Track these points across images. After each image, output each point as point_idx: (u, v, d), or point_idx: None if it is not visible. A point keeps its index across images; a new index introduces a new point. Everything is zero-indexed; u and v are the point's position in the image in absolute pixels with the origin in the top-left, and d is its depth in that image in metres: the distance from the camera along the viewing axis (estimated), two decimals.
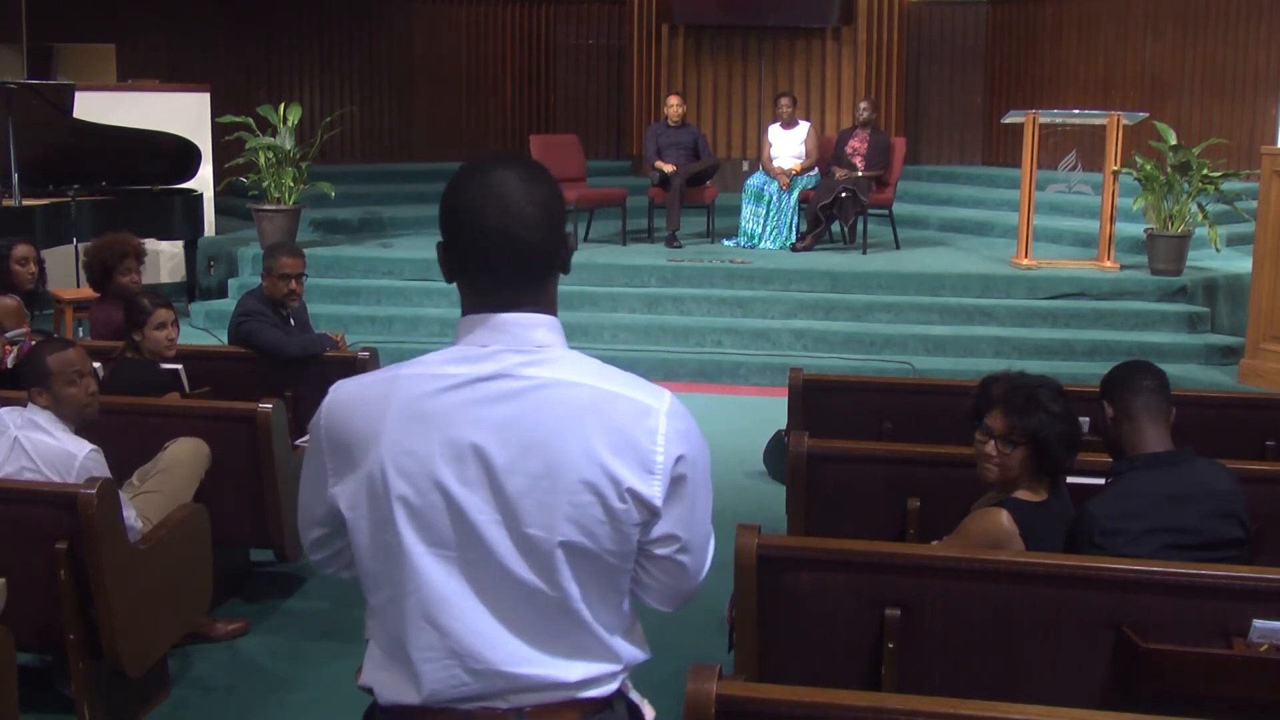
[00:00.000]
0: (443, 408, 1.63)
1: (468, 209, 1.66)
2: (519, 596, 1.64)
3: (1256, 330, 7.54)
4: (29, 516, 3.38)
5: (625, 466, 1.63)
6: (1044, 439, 2.96)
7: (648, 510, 1.65)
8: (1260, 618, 2.65)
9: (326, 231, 10.40)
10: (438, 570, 1.64)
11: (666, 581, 1.74)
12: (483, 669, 1.65)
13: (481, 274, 1.68)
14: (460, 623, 1.64)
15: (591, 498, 1.62)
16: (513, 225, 1.65)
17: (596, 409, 1.63)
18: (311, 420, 1.75)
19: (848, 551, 2.85)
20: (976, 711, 2.01)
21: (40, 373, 3.66)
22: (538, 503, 1.61)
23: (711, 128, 11.88)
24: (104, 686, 3.52)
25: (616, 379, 1.68)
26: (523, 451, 1.61)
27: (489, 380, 1.63)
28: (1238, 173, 8.69)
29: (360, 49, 12.55)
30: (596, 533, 1.63)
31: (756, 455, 6.03)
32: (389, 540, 1.65)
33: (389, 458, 1.63)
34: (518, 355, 1.65)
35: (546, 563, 1.63)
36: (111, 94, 9.77)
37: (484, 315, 1.67)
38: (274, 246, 5.67)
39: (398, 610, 1.67)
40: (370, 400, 1.68)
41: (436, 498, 1.63)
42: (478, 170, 1.68)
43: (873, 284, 8.67)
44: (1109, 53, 11.40)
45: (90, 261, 5.56)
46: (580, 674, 1.68)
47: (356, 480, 1.67)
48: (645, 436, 1.64)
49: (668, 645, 4.01)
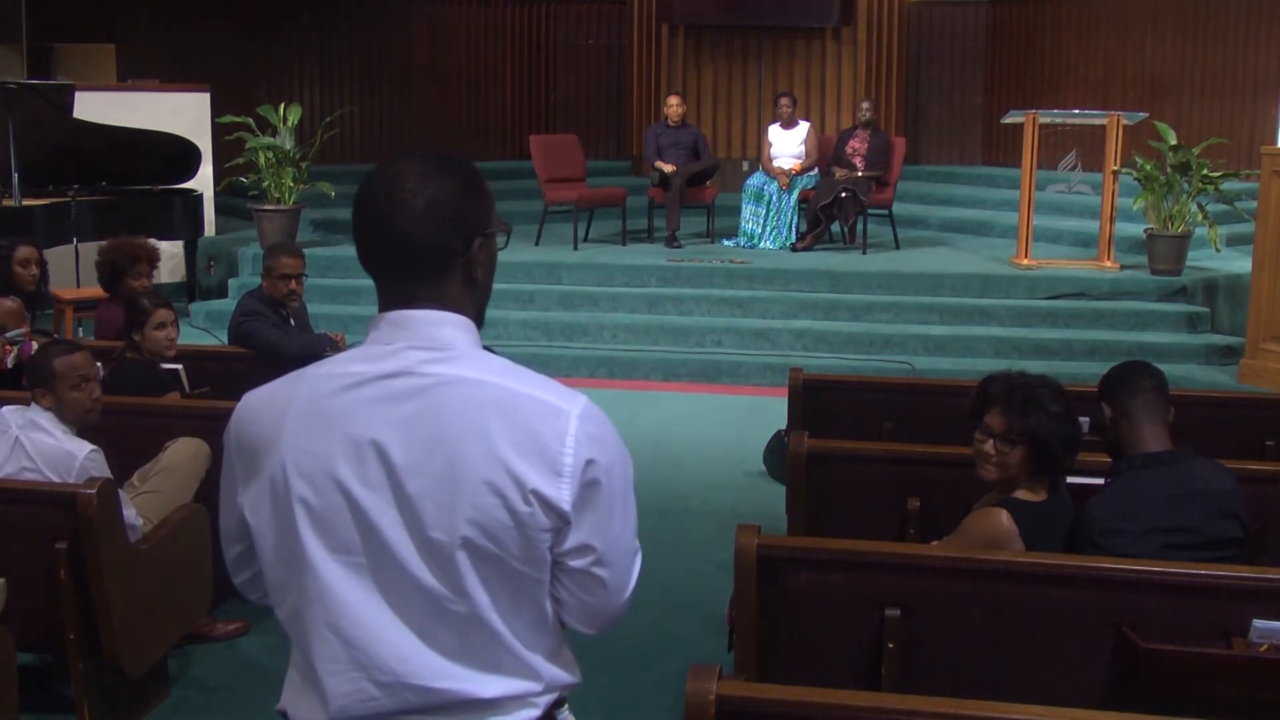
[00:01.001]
0: (343, 406, 1.58)
1: (361, 199, 1.63)
2: (426, 605, 1.57)
3: (1256, 330, 7.54)
4: (29, 516, 3.38)
5: (530, 467, 1.54)
6: (1042, 438, 2.96)
7: (556, 515, 1.56)
8: (1260, 618, 2.65)
9: (326, 231, 10.40)
10: (341, 576, 1.57)
11: (585, 599, 1.65)
12: (391, 681, 1.58)
13: (373, 269, 1.65)
14: (364, 631, 1.57)
15: (494, 499, 1.54)
16: (393, 214, 1.59)
17: (501, 408, 1.56)
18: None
19: (848, 551, 2.85)
20: (976, 711, 2.01)
21: (45, 374, 3.66)
22: (439, 504, 1.54)
23: (711, 128, 11.88)
24: (104, 686, 3.52)
25: (527, 379, 1.61)
26: (424, 451, 1.55)
27: (391, 378, 1.58)
28: (1238, 173, 8.69)
29: (360, 49, 12.55)
30: (501, 537, 1.55)
31: (756, 455, 6.03)
32: (290, 546, 1.59)
33: (289, 458, 1.58)
34: (421, 352, 1.59)
35: (449, 567, 1.55)
36: (111, 94, 9.78)
37: (390, 313, 1.63)
38: (274, 247, 5.68)
39: (301, 620, 1.61)
40: (274, 402, 1.63)
41: (337, 499, 1.56)
42: (381, 164, 1.65)
43: (873, 284, 8.67)
44: (1109, 53, 11.40)
45: (102, 262, 5.57)
46: (497, 690, 1.60)
47: (260, 484, 1.61)
48: (553, 437, 1.56)
49: (668, 645, 4.02)
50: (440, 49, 12.70)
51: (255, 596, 1.78)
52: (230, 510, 1.70)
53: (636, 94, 12.31)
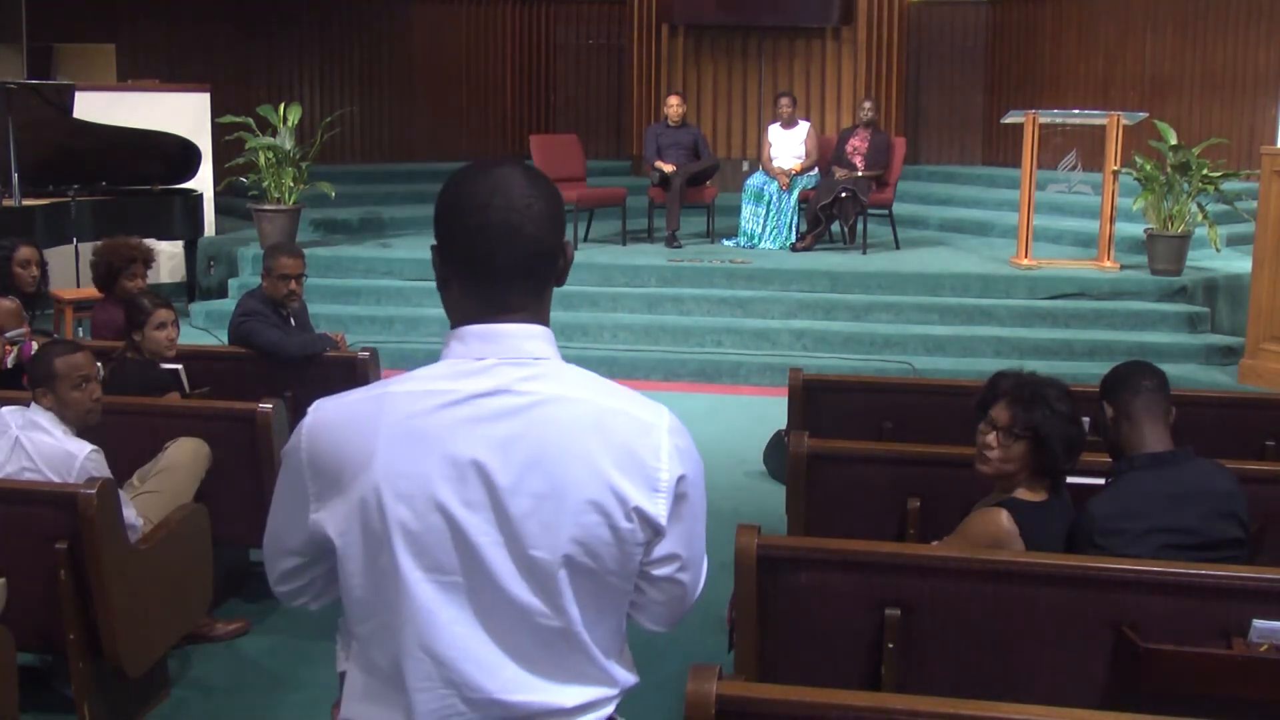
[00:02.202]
0: (440, 425, 1.55)
1: (471, 205, 1.59)
2: (518, 621, 1.58)
3: (1256, 330, 7.54)
4: (29, 516, 3.38)
5: (631, 484, 1.57)
6: (1045, 435, 2.96)
7: (652, 529, 1.60)
8: (1260, 618, 2.65)
9: (326, 231, 10.40)
10: (435, 597, 1.57)
11: (664, 601, 1.70)
12: (479, 698, 1.59)
13: (482, 274, 1.60)
14: (457, 651, 1.57)
15: (598, 517, 1.56)
16: (521, 221, 1.58)
17: (600, 426, 1.57)
18: (286, 447, 1.65)
19: (848, 551, 2.85)
20: (976, 711, 2.01)
21: (46, 374, 3.66)
22: (542, 524, 1.55)
23: (711, 128, 11.88)
24: (104, 686, 3.52)
25: (617, 394, 1.63)
26: (526, 470, 1.55)
27: (488, 396, 1.56)
28: (1238, 173, 8.69)
29: (360, 49, 12.55)
30: (601, 554, 1.58)
31: (756, 455, 6.03)
32: (383, 567, 1.57)
33: (384, 481, 1.55)
34: (516, 369, 1.58)
35: (549, 585, 1.57)
36: (111, 94, 9.78)
37: (477, 326, 1.61)
38: (274, 247, 5.67)
39: (392, 639, 1.60)
40: (359, 420, 1.59)
41: (437, 520, 1.55)
42: (480, 168, 1.63)
43: (873, 284, 8.67)
44: (1109, 53, 11.40)
45: (97, 262, 5.56)
46: (577, 699, 1.63)
47: (348, 505, 1.58)
48: (650, 454, 1.59)
49: (668, 645, 4.02)
50: (440, 49, 12.70)
51: (294, 604, 1.77)
52: (291, 526, 1.66)
53: (636, 94, 12.31)
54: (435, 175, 11.05)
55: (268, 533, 1.72)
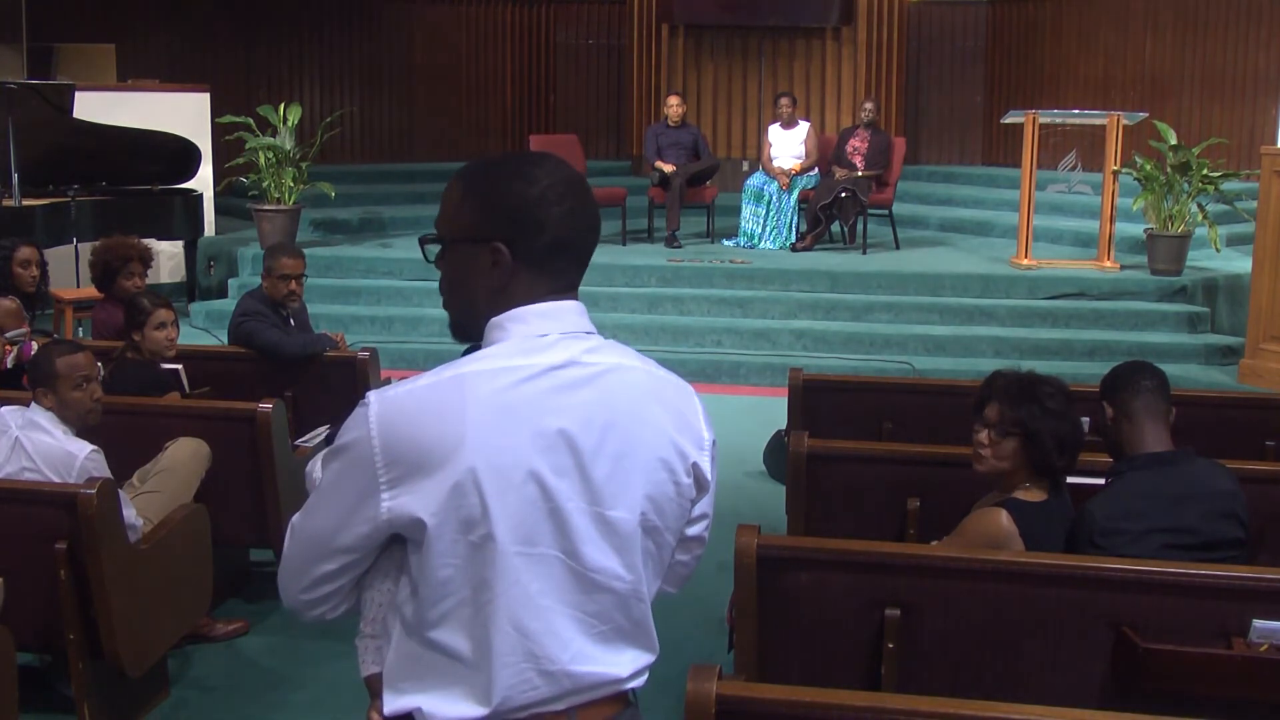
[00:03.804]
0: (526, 398, 1.61)
1: (557, 191, 1.69)
2: (593, 589, 1.63)
3: (1256, 330, 7.54)
4: (29, 516, 3.38)
5: (688, 442, 1.70)
6: (1034, 431, 2.96)
7: (700, 486, 1.72)
8: (1260, 618, 2.65)
9: (326, 231, 10.40)
10: (526, 570, 1.60)
11: (687, 560, 1.82)
12: (555, 670, 1.63)
13: (570, 257, 1.71)
14: (541, 623, 1.61)
15: (665, 474, 1.67)
16: (595, 209, 1.75)
17: (656, 392, 1.70)
18: (345, 439, 1.62)
19: (848, 551, 2.85)
20: (976, 711, 2.01)
21: (47, 374, 3.66)
22: (621, 484, 1.64)
23: (711, 128, 11.88)
24: (104, 686, 3.52)
25: (653, 364, 1.75)
26: (603, 434, 1.63)
27: (562, 368, 1.64)
28: (1238, 173, 8.70)
29: (360, 49, 12.55)
30: (666, 510, 1.68)
31: (756, 455, 6.03)
32: (475, 542, 1.59)
33: (480, 458, 1.57)
34: (577, 342, 1.67)
35: (628, 545, 1.65)
36: (111, 94, 9.77)
37: (534, 305, 1.68)
38: (274, 247, 5.67)
39: (477, 615, 1.60)
40: (440, 403, 1.60)
41: (533, 490, 1.59)
42: (540, 160, 1.73)
43: (873, 284, 8.67)
44: (1109, 53, 11.40)
45: (95, 262, 5.56)
46: (630, 668, 1.69)
47: (439, 486, 1.58)
48: (694, 416, 1.73)
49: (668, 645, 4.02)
50: (440, 49, 12.70)
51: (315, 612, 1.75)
52: (348, 522, 1.63)
53: (636, 94, 12.31)
54: (435, 175, 11.06)
55: (308, 536, 1.68)
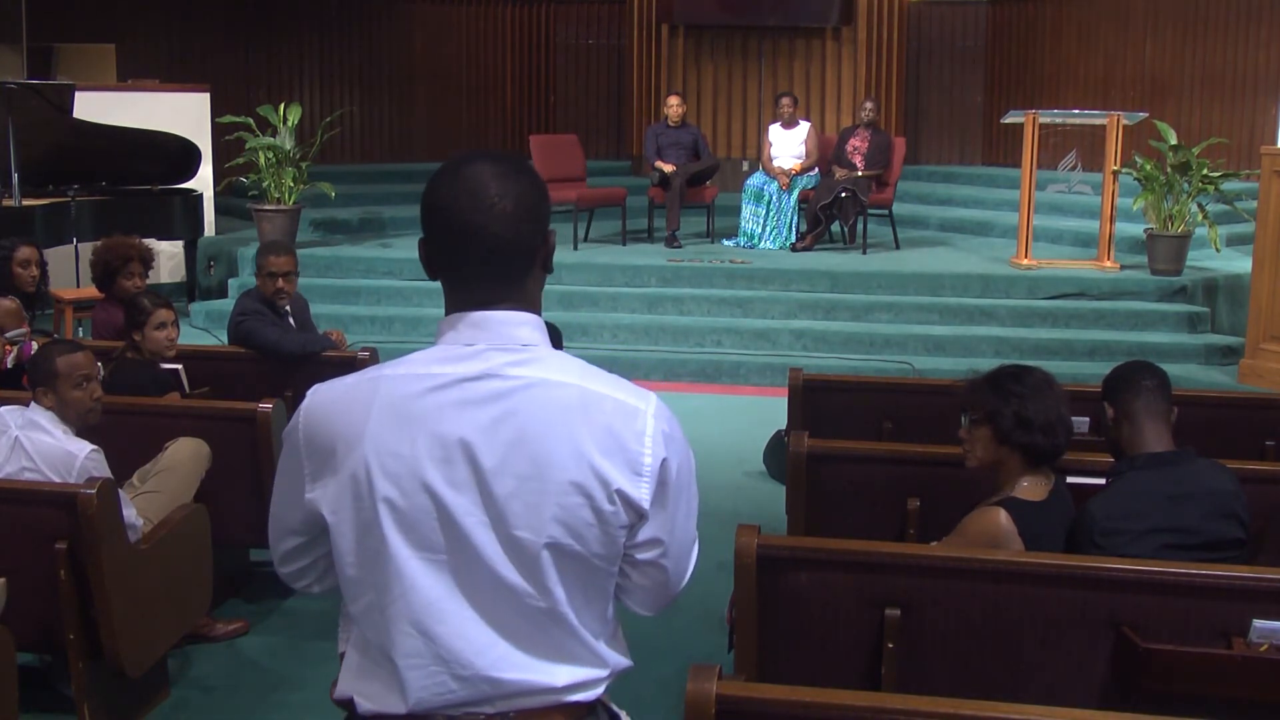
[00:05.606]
0: (429, 408, 1.60)
1: (442, 205, 1.64)
2: (506, 600, 1.61)
3: (1256, 330, 7.54)
4: (29, 516, 3.38)
5: (614, 468, 1.61)
6: (995, 412, 2.97)
7: (635, 513, 1.63)
8: (1260, 618, 2.65)
9: (326, 231, 10.40)
10: (424, 574, 1.61)
11: (648, 586, 1.74)
12: (469, 675, 1.62)
13: (459, 271, 1.66)
14: (447, 627, 1.61)
15: (580, 499, 1.60)
16: (485, 220, 1.62)
17: (585, 409, 1.61)
18: (287, 426, 1.71)
19: (848, 551, 2.85)
20: (976, 711, 2.01)
21: (47, 373, 3.66)
22: (526, 504, 1.59)
23: (711, 128, 11.89)
24: (104, 686, 3.52)
25: (603, 379, 1.66)
26: (511, 452, 1.59)
27: (476, 380, 1.60)
28: (1238, 173, 8.69)
29: (360, 49, 12.55)
30: (585, 535, 1.61)
31: (756, 455, 6.03)
32: (373, 544, 1.62)
33: (374, 459, 1.60)
34: (504, 354, 1.62)
35: (534, 565, 1.60)
36: (111, 94, 9.77)
37: (465, 313, 1.65)
38: (264, 246, 5.70)
39: (382, 616, 1.63)
40: (352, 401, 1.64)
41: (424, 500, 1.59)
42: (453, 165, 1.67)
43: (873, 284, 8.67)
44: (1109, 53, 11.40)
45: (95, 262, 5.56)
46: (567, 679, 1.65)
47: (339, 483, 1.63)
48: (633, 438, 1.62)
49: (668, 645, 4.02)
50: (440, 49, 12.70)
51: (299, 585, 1.80)
52: (290, 505, 1.71)
53: (636, 94, 12.31)
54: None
55: (271, 514, 1.76)
